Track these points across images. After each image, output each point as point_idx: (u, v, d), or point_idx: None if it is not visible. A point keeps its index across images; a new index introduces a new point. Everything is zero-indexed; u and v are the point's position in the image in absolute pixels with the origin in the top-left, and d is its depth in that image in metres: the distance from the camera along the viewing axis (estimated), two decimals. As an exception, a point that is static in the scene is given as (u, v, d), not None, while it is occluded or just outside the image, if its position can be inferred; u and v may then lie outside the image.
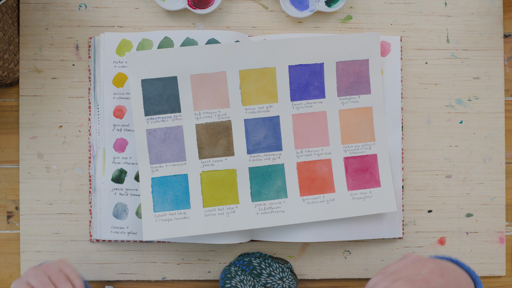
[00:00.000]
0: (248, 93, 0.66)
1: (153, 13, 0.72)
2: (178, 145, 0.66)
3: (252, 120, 0.66)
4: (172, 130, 0.66)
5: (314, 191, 0.67)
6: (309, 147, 0.67)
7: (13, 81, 0.71)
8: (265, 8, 0.72)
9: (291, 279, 0.68)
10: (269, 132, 0.67)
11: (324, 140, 0.68)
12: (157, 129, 0.65)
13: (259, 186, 0.67)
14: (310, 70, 0.67)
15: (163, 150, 0.66)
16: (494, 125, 0.72)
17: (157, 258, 0.72)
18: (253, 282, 0.66)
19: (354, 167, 0.68)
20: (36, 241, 0.71)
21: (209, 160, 0.66)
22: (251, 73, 0.66)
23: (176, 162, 0.66)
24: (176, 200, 0.66)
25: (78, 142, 0.71)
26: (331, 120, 0.68)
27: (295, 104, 0.67)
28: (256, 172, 0.67)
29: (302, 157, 0.67)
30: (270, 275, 0.67)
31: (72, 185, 0.71)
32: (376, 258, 0.72)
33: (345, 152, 0.68)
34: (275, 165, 0.67)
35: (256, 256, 0.70)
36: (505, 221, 0.73)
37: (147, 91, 0.65)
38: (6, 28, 0.68)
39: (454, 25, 0.72)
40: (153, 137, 0.65)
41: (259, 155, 0.67)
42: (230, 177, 0.66)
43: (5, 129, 0.72)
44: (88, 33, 0.71)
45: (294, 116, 0.67)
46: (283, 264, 0.69)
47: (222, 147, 0.66)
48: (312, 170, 0.67)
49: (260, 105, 0.67)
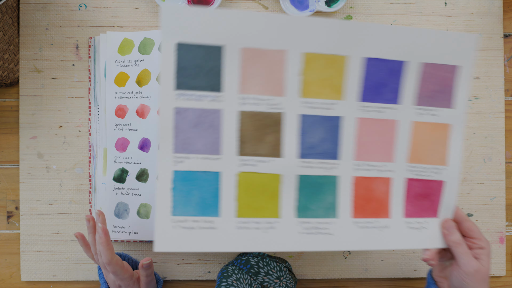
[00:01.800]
0: (310, 82, 0.53)
1: (153, 13, 0.72)
2: (213, 134, 0.52)
3: (310, 117, 0.53)
4: (208, 114, 0.51)
5: (368, 214, 0.55)
6: (370, 160, 0.55)
7: (13, 81, 0.70)
8: (265, 8, 0.72)
9: (288, 278, 0.68)
10: (327, 135, 0.54)
11: (387, 155, 0.56)
12: (189, 109, 0.51)
13: (307, 200, 0.54)
14: (388, 68, 0.54)
15: (193, 137, 0.51)
16: (494, 125, 0.72)
17: (157, 258, 0.71)
18: (250, 280, 0.66)
19: (416, 191, 0.57)
20: (36, 241, 0.71)
21: (251, 158, 0.52)
22: (317, 58, 0.53)
23: (209, 155, 0.51)
24: (202, 203, 0.52)
25: (78, 142, 0.71)
26: (401, 132, 0.55)
27: (364, 106, 0.54)
28: (306, 182, 0.54)
29: (361, 171, 0.55)
30: (267, 274, 0.67)
31: (72, 185, 0.71)
32: (376, 258, 0.72)
33: (409, 173, 0.56)
34: (328, 176, 0.54)
35: (254, 255, 0.70)
36: (505, 221, 0.73)
37: (182, 59, 0.50)
38: (6, 28, 0.68)
39: (454, 25, 0.72)
40: (183, 119, 0.51)
41: (312, 162, 0.54)
42: (272, 184, 0.53)
43: (5, 129, 0.72)
44: (88, 33, 0.71)
45: (359, 120, 0.54)
46: (281, 263, 0.69)
47: (269, 145, 0.53)
48: (369, 189, 0.55)
49: (322, 100, 0.53)
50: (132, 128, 0.69)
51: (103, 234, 0.59)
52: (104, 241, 0.59)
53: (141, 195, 0.69)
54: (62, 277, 0.71)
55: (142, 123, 0.69)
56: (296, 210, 0.53)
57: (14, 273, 0.72)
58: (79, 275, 0.71)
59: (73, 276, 0.71)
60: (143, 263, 0.61)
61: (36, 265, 0.71)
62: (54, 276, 0.71)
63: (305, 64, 0.53)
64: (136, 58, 0.69)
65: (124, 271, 0.61)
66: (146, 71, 0.69)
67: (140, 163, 0.69)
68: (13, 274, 0.72)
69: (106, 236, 0.59)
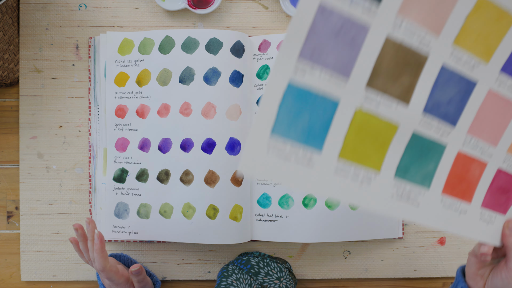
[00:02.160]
0: (470, 30, 0.45)
1: (153, 13, 0.72)
2: (350, 51, 0.42)
3: (449, 72, 0.46)
4: (354, 27, 0.41)
5: (456, 193, 0.51)
6: (480, 137, 0.50)
7: (13, 81, 0.71)
8: (265, 8, 0.72)
9: (288, 279, 0.68)
10: (456, 98, 0.47)
11: (494, 138, 0.50)
12: (335, 13, 0.40)
13: (410, 161, 0.48)
14: None
15: (327, 46, 0.41)
16: None
17: (157, 258, 0.71)
18: (250, 280, 0.66)
19: (499, 184, 0.53)
20: (36, 241, 0.71)
21: (378, 95, 0.44)
22: (488, 7, 0.45)
23: (336, 75, 0.42)
24: (309, 130, 0.42)
25: (78, 142, 0.71)
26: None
27: (501, 78, 0.48)
28: (417, 142, 0.47)
29: (467, 147, 0.50)
30: (267, 275, 0.67)
31: (72, 185, 0.71)
32: (376, 258, 0.72)
33: (504, 163, 0.52)
34: (439, 144, 0.48)
35: (255, 255, 0.70)
36: (505, 221, 0.73)
37: None
38: (6, 28, 0.68)
39: (454, 25, 0.72)
40: (323, 21, 0.40)
41: (432, 121, 0.47)
42: (386, 133, 0.46)
43: (5, 129, 0.72)
44: (88, 33, 0.71)
45: (489, 93, 0.48)
46: (282, 264, 0.69)
47: (401, 87, 0.44)
48: (466, 168, 0.51)
49: (470, 56, 0.46)
50: (132, 128, 0.69)
51: (98, 241, 0.58)
52: (99, 248, 0.58)
53: (141, 195, 0.69)
54: (62, 277, 0.71)
55: (142, 123, 0.69)
56: (396, 168, 0.47)
57: (14, 273, 0.72)
58: (79, 275, 0.71)
59: (73, 276, 0.71)
60: (132, 270, 0.60)
61: (36, 265, 0.71)
62: (54, 276, 0.71)
63: (474, 8, 0.45)
64: (136, 58, 0.69)
65: (119, 277, 0.60)
66: (146, 71, 0.69)
67: (140, 163, 0.69)
68: (13, 274, 0.72)
69: (102, 243, 0.58)
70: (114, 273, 0.59)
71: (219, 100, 0.68)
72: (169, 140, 0.68)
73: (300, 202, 0.69)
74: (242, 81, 0.69)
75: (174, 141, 0.68)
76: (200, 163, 0.68)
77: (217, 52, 0.68)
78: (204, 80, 0.68)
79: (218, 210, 0.67)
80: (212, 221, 0.67)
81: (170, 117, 0.68)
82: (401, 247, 0.72)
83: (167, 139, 0.68)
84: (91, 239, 0.59)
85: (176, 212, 0.68)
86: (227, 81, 0.68)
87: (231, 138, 0.68)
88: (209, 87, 0.68)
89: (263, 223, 0.69)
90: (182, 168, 0.68)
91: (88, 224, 0.59)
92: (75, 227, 0.59)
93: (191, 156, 0.68)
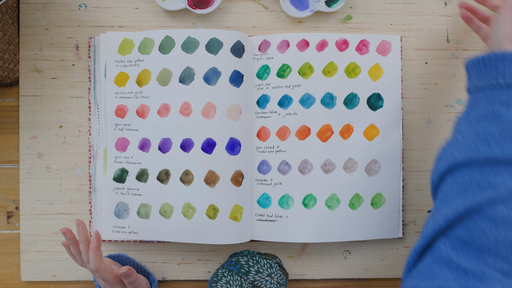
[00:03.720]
0: None
1: (153, 13, 0.72)
2: None
3: None
4: None
5: None
6: None
7: (13, 81, 0.71)
8: (265, 8, 0.72)
9: (279, 274, 0.68)
10: None
11: None
12: None
13: None
14: None
15: None
16: (494, 125, 0.72)
17: (157, 258, 0.71)
18: (241, 281, 0.66)
19: None
20: (36, 241, 0.71)
21: None
22: None
23: None
24: None
25: (78, 142, 0.71)
26: None
27: None
28: None
29: None
30: (258, 272, 0.67)
31: (72, 185, 0.71)
32: (376, 258, 0.72)
33: None
34: None
35: (244, 255, 0.69)
36: None
37: None
38: (6, 28, 0.68)
39: (454, 25, 0.72)
40: None
41: None
42: None
43: (5, 129, 0.72)
44: (88, 33, 0.71)
45: None
46: (271, 259, 0.69)
47: None
48: None
49: None
50: (132, 128, 0.69)
51: (95, 240, 0.57)
52: (95, 247, 0.57)
53: (141, 195, 0.69)
54: (62, 277, 0.71)
55: (142, 123, 0.69)
56: None
57: (14, 273, 0.72)
58: (79, 275, 0.71)
59: (73, 276, 0.71)
60: (120, 273, 0.59)
61: (36, 265, 0.71)
62: (54, 276, 0.71)
63: None
64: (136, 58, 0.69)
65: (113, 277, 0.59)
66: (146, 71, 0.69)
67: (140, 163, 0.69)
68: (13, 274, 0.72)
69: (98, 242, 0.57)
70: (108, 273, 0.59)
71: (219, 100, 0.68)
72: (169, 140, 0.68)
73: (300, 202, 0.69)
74: (242, 81, 0.69)
75: (174, 141, 0.68)
76: (200, 163, 0.68)
77: (217, 52, 0.68)
78: (204, 80, 0.68)
79: (218, 210, 0.67)
80: (212, 221, 0.67)
81: (170, 117, 0.68)
82: (401, 247, 0.72)
83: (167, 139, 0.68)
84: (82, 241, 0.58)
85: (176, 212, 0.68)
86: (227, 81, 0.68)
87: (231, 138, 0.68)
88: (209, 87, 0.68)
89: (263, 223, 0.69)
90: (182, 168, 0.68)
91: (78, 226, 0.58)
92: (63, 232, 0.58)
93: (191, 156, 0.68)
